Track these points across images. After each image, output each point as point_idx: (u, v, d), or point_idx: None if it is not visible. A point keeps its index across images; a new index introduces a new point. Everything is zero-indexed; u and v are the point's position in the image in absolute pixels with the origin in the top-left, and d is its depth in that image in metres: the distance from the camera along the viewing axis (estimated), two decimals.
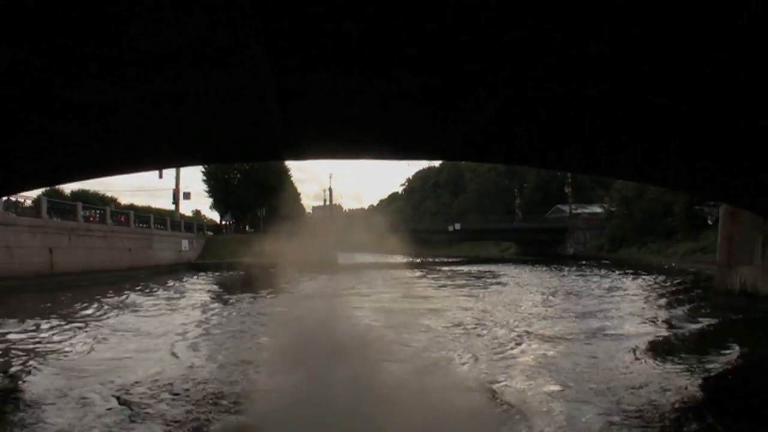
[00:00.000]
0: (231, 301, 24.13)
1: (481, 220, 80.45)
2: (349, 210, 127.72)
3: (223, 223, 78.71)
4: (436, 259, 67.82)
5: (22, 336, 15.55)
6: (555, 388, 9.47)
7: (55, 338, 15.30)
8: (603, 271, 39.18)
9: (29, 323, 17.50)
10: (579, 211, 74.04)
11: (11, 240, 28.73)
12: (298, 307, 18.11)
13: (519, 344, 13.41)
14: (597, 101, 7.47)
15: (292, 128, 9.60)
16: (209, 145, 11.79)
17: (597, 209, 71.93)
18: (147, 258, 45.15)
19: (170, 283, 35.78)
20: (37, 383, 10.33)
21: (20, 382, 10.51)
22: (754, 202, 14.04)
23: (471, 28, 5.42)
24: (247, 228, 77.48)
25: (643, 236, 55.36)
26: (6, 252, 28.45)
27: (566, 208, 74.83)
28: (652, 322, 16.23)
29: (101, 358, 12.78)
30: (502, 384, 9.67)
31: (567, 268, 44.69)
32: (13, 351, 13.54)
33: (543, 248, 71.60)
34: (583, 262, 51.26)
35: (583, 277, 36.13)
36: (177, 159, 16.05)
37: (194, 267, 52.05)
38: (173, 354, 13.18)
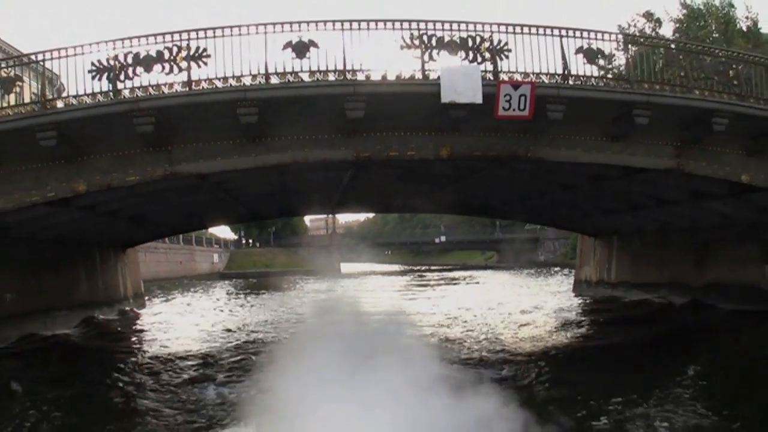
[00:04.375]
0: (263, 295, 35.48)
1: (466, 231, 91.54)
2: (345, 223, 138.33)
3: (239, 238, 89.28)
4: (427, 267, 79.26)
5: (150, 314, 26.83)
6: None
7: (165, 309, 27.01)
8: (550, 274, 50.73)
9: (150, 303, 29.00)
10: None
11: None
12: (312, 296, 29.89)
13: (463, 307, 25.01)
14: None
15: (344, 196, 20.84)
16: (291, 201, 23.00)
17: None
18: (191, 269, 56.53)
19: (215, 285, 47.50)
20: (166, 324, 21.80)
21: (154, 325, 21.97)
22: (587, 231, 25.88)
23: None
24: (256, 243, 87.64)
25: None
26: None
27: None
28: (541, 294, 28.25)
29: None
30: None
31: (528, 272, 56.29)
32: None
33: (519, 256, 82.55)
34: (544, 268, 62.63)
35: (534, 277, 47.70)
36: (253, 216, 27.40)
37: (225, 276, 63.31)
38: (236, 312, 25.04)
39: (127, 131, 10.91)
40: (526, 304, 25.51)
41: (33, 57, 11.21)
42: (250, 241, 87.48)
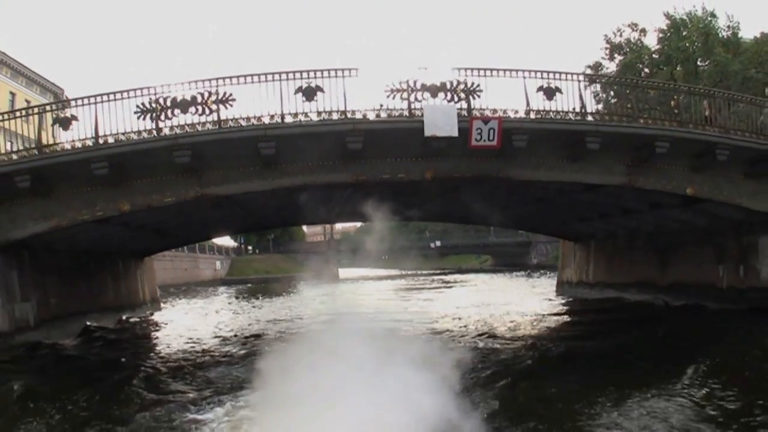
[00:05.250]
0: (265, 299, 37.63)
1: (461, 236, 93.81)
2: (341, 228, 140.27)
3: (239, 245, 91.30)
4: (424, 271, 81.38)
5: (167, 316, 29.06)
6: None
7: (178, 312, 29.29)
8: (541, 276, 53.01)
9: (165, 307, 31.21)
10: None
11: None
12: (312, 298, 32.01)
13: (454, 307, 27.28)
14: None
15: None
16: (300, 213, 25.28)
17: None
18: (196, 275, 58.74)
19: (218, 290, 49.78)
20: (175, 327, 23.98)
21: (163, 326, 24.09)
22: (568, 236, 28.21)
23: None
24: (255, 250, 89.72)
25: None
26: None
27: None
28: (527, 294, 30.50)
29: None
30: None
31: (520, 274, 58.58)
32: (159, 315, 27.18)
33: (513, 259, 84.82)
34: (534, 271, 64.93)
35: (525, 279, 50.06)
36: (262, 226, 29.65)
37: (227, 282, 65.54)
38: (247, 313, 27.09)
39: (165, 160, 13.22)
40: (513, 302, 27.84)
41: (87, 100, 13.47)
42: (249, 247, 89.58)
